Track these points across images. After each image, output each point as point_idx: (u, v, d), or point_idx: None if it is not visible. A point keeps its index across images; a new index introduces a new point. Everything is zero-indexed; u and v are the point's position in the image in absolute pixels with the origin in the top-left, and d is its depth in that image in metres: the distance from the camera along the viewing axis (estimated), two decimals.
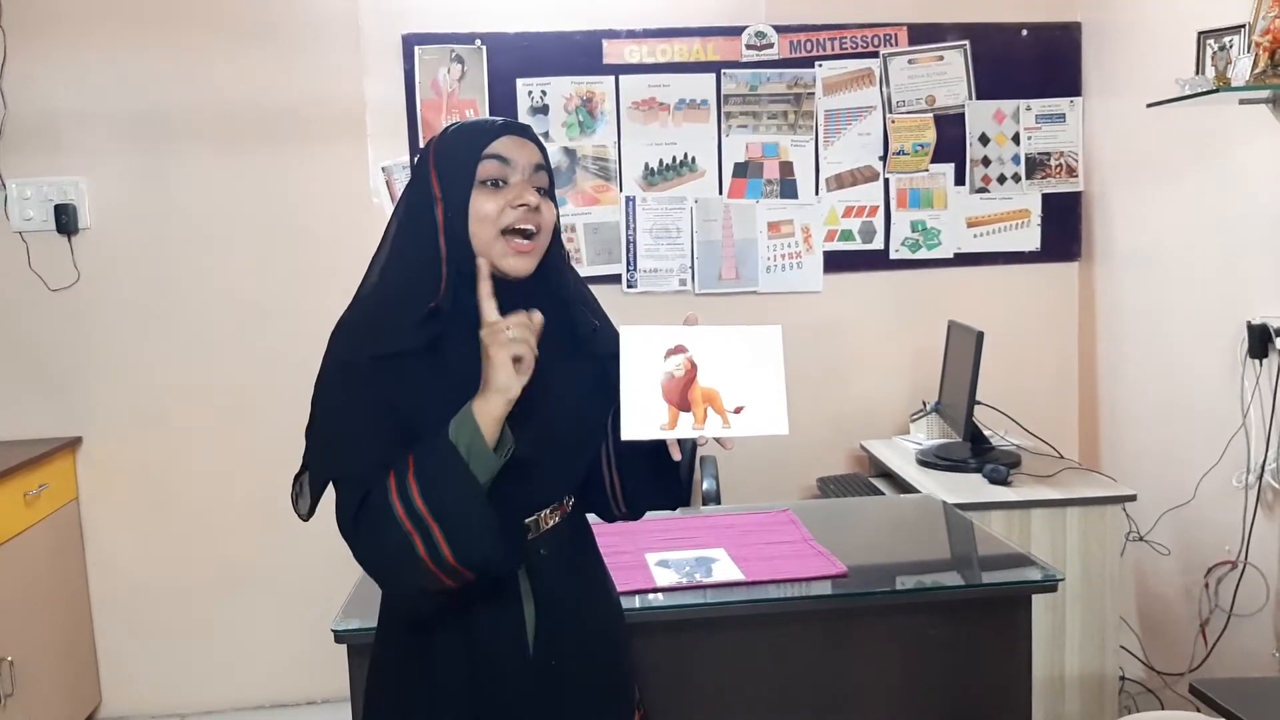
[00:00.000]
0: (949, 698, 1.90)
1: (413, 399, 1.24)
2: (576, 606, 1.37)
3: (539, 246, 1.29)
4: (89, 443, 3.21)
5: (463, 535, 1.17)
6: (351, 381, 1.24)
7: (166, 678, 3.28)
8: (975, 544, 2.21)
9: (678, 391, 1.23)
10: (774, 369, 1.26)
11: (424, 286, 1.24)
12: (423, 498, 1.16)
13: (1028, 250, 3.48)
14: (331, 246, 3.18)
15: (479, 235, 1.25)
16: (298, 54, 3.18)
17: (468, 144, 1.28)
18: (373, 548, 1.21)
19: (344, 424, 1.25)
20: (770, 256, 3.40)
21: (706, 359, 1.24)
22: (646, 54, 3.32)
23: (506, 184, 1.27)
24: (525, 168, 1.28)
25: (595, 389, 1.32)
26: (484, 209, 1.25)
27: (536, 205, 1.26)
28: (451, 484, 1.17)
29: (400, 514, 1.17)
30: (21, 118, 3.10)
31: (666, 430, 1.23)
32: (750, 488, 3.14)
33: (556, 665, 1.33)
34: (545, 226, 1.28)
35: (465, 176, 1.26)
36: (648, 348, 1.23)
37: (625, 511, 1.42)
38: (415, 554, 1.17)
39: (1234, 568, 2.69)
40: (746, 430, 1.24)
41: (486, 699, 1.31)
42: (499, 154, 1.26)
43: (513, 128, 1.30)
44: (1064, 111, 3.44)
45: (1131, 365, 3.23)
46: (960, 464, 2.87)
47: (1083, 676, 2.65)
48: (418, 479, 1.17)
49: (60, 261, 3.15)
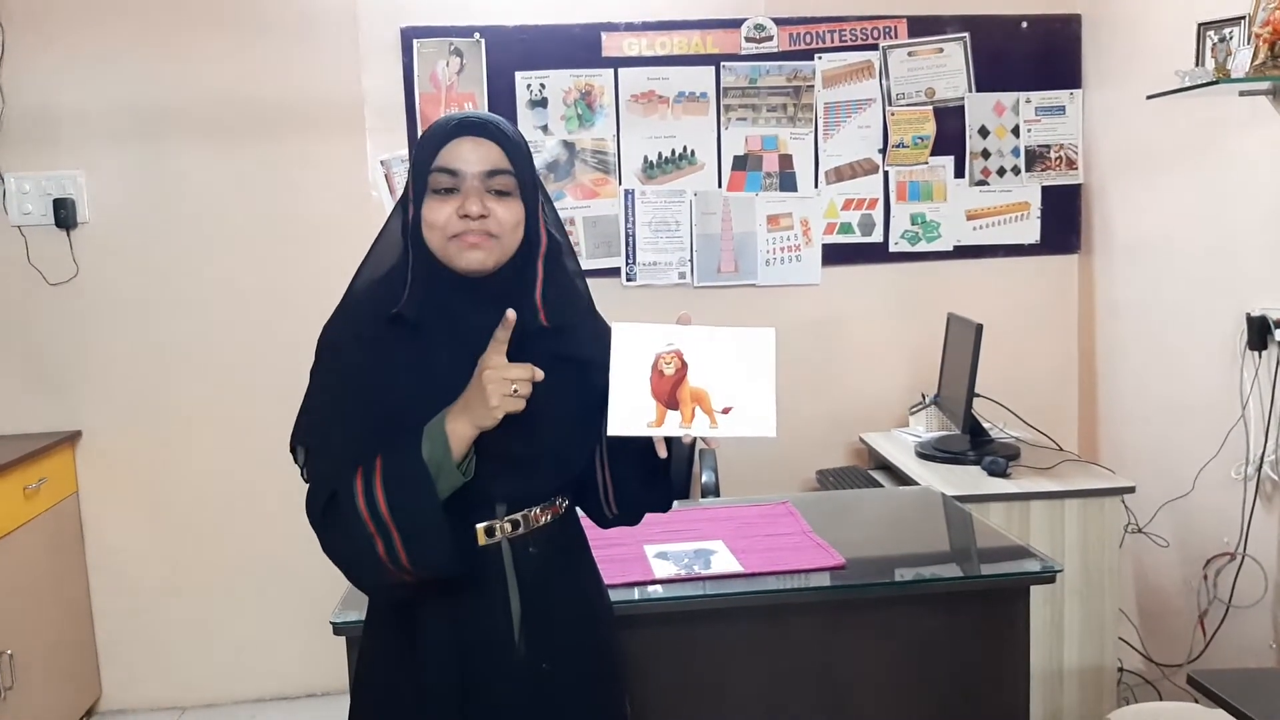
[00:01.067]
0: (948, 689, 1.90)
1: (391, 378, 1.28)
2: (563, 608, 1.38)
3: (498, 244, 1.29)
4: (88, 437, 3.21)
5: (417, 542, 1.22)
6: (332, 359, 1.31)
7: (166, 671, 3.28)
8: (974, 536, 2.22)
9: (667, 390, 1.23)
10: (765, 371, 1.26)
11: (394, 286, 1.30)
12: (386, 502, 1.22)
13: (1027, 243, 3.48)
14: (330, 240, 3.17)
15: (432, 241, 1.29)
16: (296, 47, 3.17)
17: (426, 150, 1.30)
18: (338, 543, 1.27)
19: (322, 402, 1.31)
20: (769, 250, 3.40)
21: (697, 359, 1.24)
22: (645, 47, 3.31)
23: (458, 191, 1.28)
24: (476, 175, 1.28)
25: (579, 388, 1.32)
26: (433, 217, 1.28)
27: (480, 214, 1.26)
28: (414, 493, 1.22)
29: (365, 515, 1.22)
30: (20, 111, 3.09)
31: (653, 428, 1.23)
32: (749, 480, 3.14)
33: (545, 665, 1.34)
34: (499, 229, 1.28)
35: (421, 183, 1.29)
36: (639, 345, 1.24)
37: (618, 513, 1.43)
38: (376, 553, 1.23)
39: (1233, 559, 2.70)
40: (733, 431, 1.24)
41: (473, 694, 1.32)
42: (446, 166, 1.28)
43: (469, 127, 1.29)
44: (1064, 104, 3.44)
45: (1131, 357, 3.23)
46: (959, 456, 2.87)
47: (1081, 668, 2.66)
48: (384, 484, 1.22)
49: (59, 256, 3.15)
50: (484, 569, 1.32)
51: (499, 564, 1.33)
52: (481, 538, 1.32)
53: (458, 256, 1.28)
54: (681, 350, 1.24)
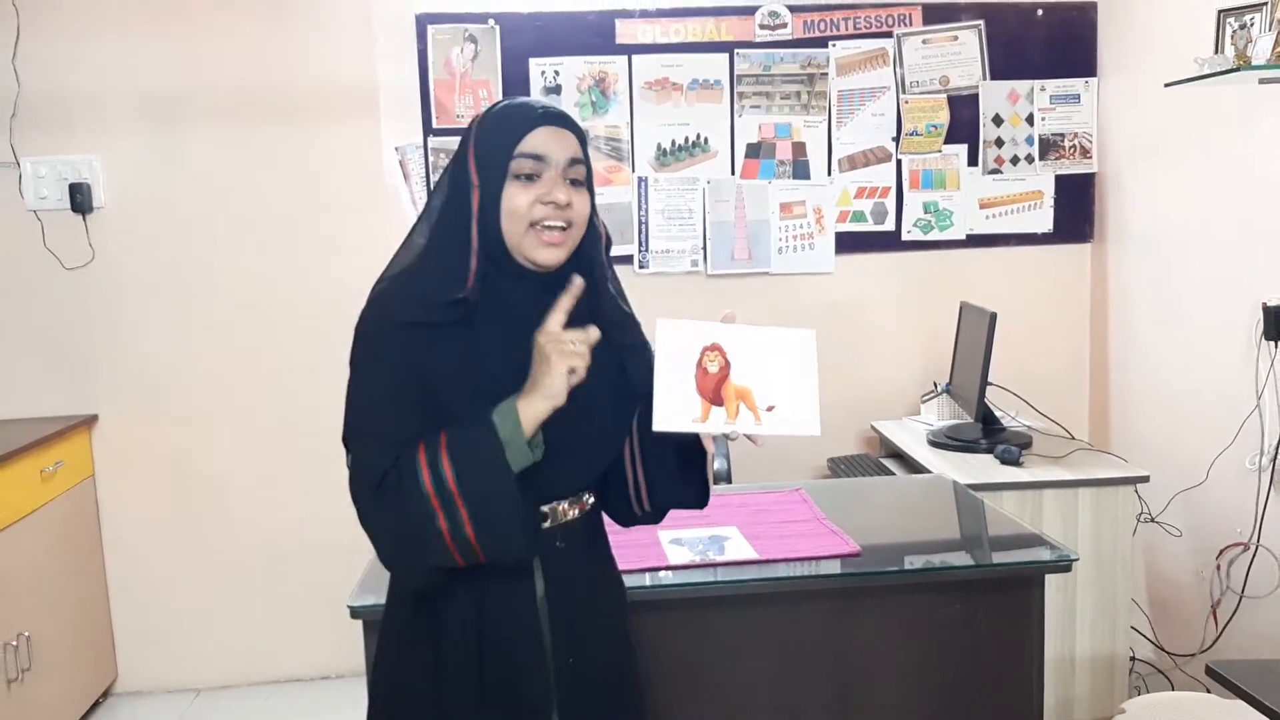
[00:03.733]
0: (960, 677, 1.91)
1: (441, 368, 1.25)
2: (588, 603, 1.38)
3: (571, 239, 1.29)
4: (104, 420, 3.23)
5: (489, 520, 1.20)
6: (382, 346, 1.27)
7: (182, 653, 3.31)
8: (987, 524, 2.22)
9: (711, 387, 1.24)
10: (808, 371, 1.27)
11: (455, 272, 1.26)
12: (455, 477, 1.19)
13: (1040, 232, 3.47)
14: (344, 226, 3.18)
15: (509, 229, 1.26)
16: (312, 33, 3.17)
17: (505, 135, 1.27)
18: (391, 518, 1.22)
19: (371, 388, 1.28)
20: (782, 237, 3.39)
21: (741, 357, 1.25)
22: (660, 34, 3.30)
23: (539, 178, 1.27)
24: (560, 162, 1.27)
25: (619, 378, 1.32)
26: (515, 204, 1.26)
27: (567, 202, 1.26)
28: (487, 469, 1.20)
29: (429, 489, 1.19)
30: (36, 96, 3.10)
31: (698, 424, 1.23)
32: (761, 467, 3.11)
33: (571, 660, 1.34)
34: (578, 220, 1.28)
35: (500, 168, 1.26)
36: (683, 342, 1.24)
37: (648, 510, 1.42)
38: (436, 529, 1.20)
39: (1246, 550, 2.69)
40: (778, 429, 1.25)
41: (494, 687, 1.31)
42: (533, 152, 1.26)
43: (552, 117, 1.29)
44: (1079, 92, 3.42)
45: (1144, 347, 3.22)
46: (972, 445, 2.87)
47: (1093, 657, 2.66)
48: (451, 458, 1.20)
49: (75, 240, 3.16)
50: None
51: None
52: None
53: (534, 250, 1.26)
54: (725, 348, 1.24)
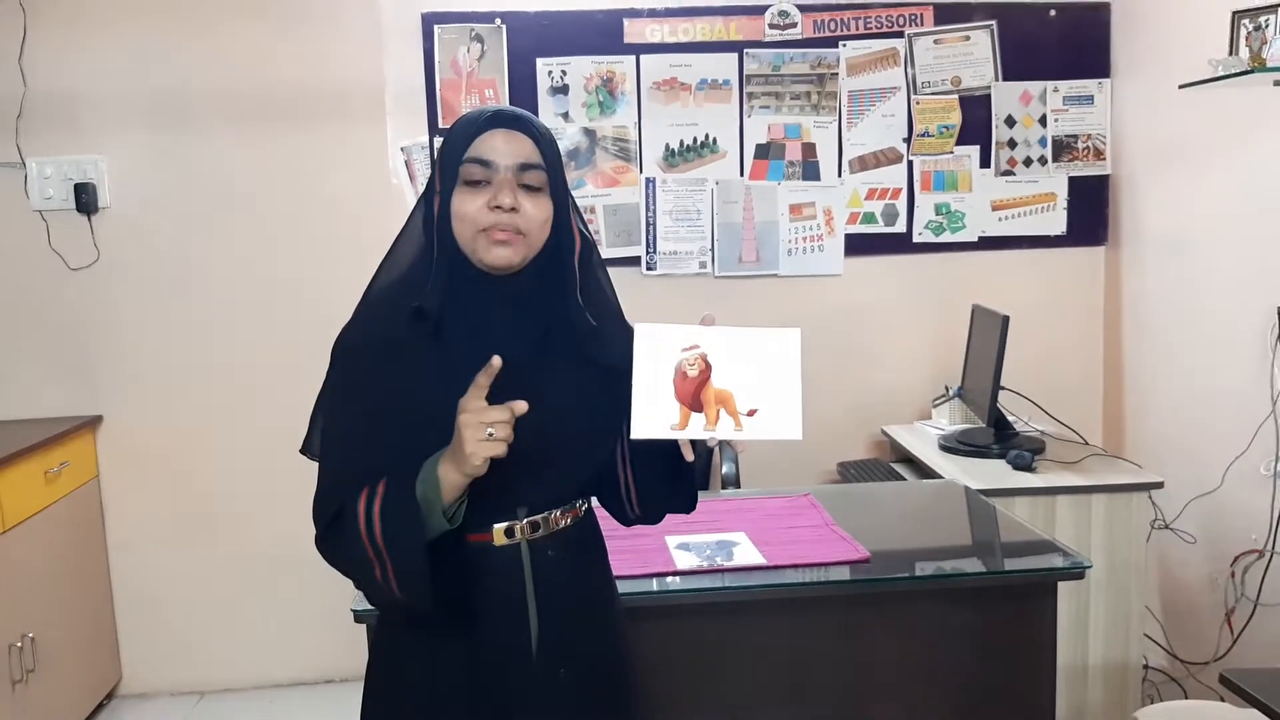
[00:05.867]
0: (972, 684, 1.88)
1: (413, 382, 1.26)
2: (580, 612, 1.36)
3: (526, 241, 1.27)
4: (109, 421, 3.22)
5: (406, 575, 1.22)
6: (352, 370, 1.29)
7: (186, 655, 3.29)
8: (999, 530, 2.19)
9: (690, 392, 1.20)
10: (790, 372, 1.22)
11: (415, 282, 1.27)
12: (380, 532, 1.21)
13: (1053, 234, 3.44)
14: (350, 227, 3.17)
15: (461, 234, 1.26)
16: (317, 33, 3.16)
17: (458, 141, 1.27)
18: (339, 560, 1.28)
19: (339, 415, 1.30)
20: (791, 239, 3.37)
21: (722, 360, 1.21)
22: (668, 33, 3.28)
23: (490, 184, 1.25)
24: (508, 166, 1.25)
25: (601, 389, 1.30)
26: (463, 209, 1.26)
27: (512, 207, 1.24)
28: (404, 529, 1.21)
29: (364, 539, 1.22)
30: (42, 96, 3.09)
31: (677, 430, 1.20)
32: (770, 472, 3.12)
33: (562, 671, 1.32)
34: (528, 227, 1.26)
35: (452, 175, 1.26)
36: (662, 346, 1.20)
37: (639, 514, 1.41)
38: (374, 576, 1.24)
39: (1261, 557, 2.66)
40: (759, 434, 1.21)
41: (485, 696, 1.30)
42: (479, 157, 1.25)
43: (503, 119, 1.27)
44: (1092, 93, 3.39)
45: (1158, 351, 3.18)
46: (984, 450, 2.84)
47: (1106, 664, 2.63)
48: (381, 513, 1.22)
49: (80, 240, 3.15)
50: (502, 570, 1.30)
51: (517, 566, 1.31)
52: (500, 538, 1.30)
53: (485, 252, 1.25)
54: (705, 351, 1.21)
